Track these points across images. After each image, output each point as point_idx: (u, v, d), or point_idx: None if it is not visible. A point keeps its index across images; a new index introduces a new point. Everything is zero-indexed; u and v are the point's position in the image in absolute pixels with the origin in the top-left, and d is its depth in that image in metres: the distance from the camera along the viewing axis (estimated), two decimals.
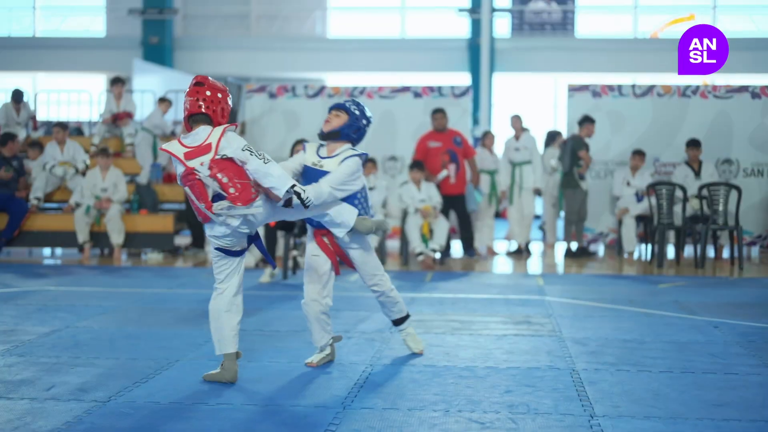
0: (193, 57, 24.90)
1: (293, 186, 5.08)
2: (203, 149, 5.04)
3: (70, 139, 13.37)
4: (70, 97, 19.51)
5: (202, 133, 5.08)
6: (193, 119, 5.13)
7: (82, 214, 12.15)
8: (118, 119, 14.07)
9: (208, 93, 5.11)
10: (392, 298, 5.95)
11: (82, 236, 12.20)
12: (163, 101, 14.19)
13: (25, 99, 14.52)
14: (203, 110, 5.09)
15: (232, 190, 4.99)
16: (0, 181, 12.47)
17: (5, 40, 25.54)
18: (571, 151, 12.51)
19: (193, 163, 5.03)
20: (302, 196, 5.12)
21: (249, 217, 5.15)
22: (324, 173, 5.49)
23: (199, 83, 5.15)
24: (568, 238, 12.76)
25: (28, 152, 13.36)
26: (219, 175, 5.00)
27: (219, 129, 5.07)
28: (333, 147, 5.65)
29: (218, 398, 4.91)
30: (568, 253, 12.68)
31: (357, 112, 5.65)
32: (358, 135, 5.70)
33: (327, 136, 5.63)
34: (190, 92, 5.13)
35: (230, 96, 5.22)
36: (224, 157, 5.01)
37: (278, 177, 5.05)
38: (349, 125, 5.63)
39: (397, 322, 6.07)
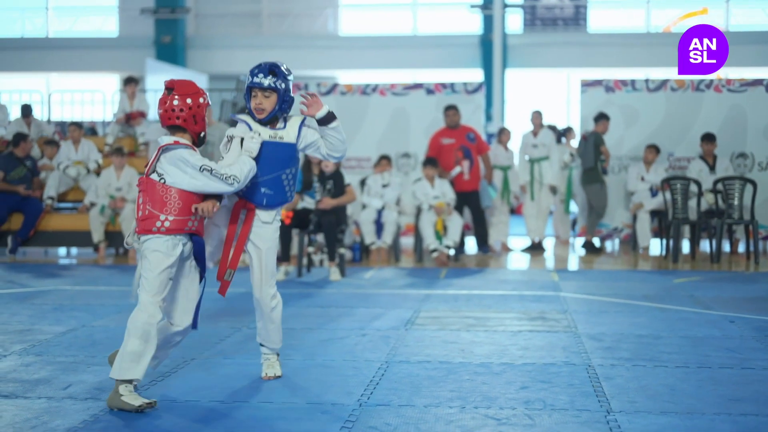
0: (205, 56, 24.97)
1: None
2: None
3: (84, 138, 13.43)
4: (84, 97, 19.57)
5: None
6: (169, 129, 4.82)
7: (97, 214, 12.20)
8: (131, 119, 14.11)
9: (175, 102, 4.74)
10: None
11: (97, 236, 12.25)
12: None
13: (35, 115, 14.56)
14: (173, 122, 4.76)
15: (140, 213, 4.74)
16: (13, 181, 12.53)
17: (18, 41, 25.66)
18: (594, 147, 12.52)
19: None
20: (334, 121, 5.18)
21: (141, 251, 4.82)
22: (287, 145, 5.19)
23: (168, 89, 4.78)
24: (591, 233, 12.78)
25: (45, 150, 13.42)
26: (140, 194, 4.76)
27: (164, 141, 4.73)
28: (274, 122, 5.28)
29: (235, 396, 4.92)
30: (590, 248, 12.68)
31: (282, 86, 5.17)
32: (291, 102, 5.26)
33: (268, 122, 5.22)
34: (160, 100, 4.81)
35: (204, 96, 4.84)
36: (162, 179, 4.70)
37: (247, 169, 4.89)
38: (282, 101, 5.18)
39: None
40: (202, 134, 4.87)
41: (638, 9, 24.83)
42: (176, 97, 4.76)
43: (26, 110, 14.33)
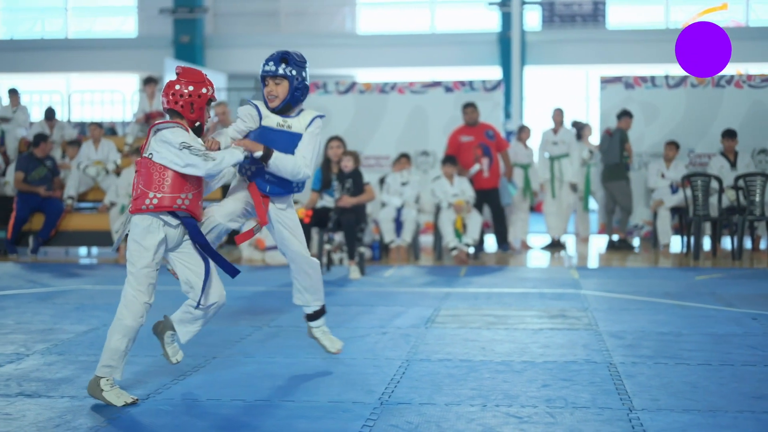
0: (223, 55, 25.02)
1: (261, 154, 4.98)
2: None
3: (104, 138, 13.51)
4: (104, 97, 19.66)
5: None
6: (168, 113, 4.89)
7: (117, 214, 12.25)
8: (151, 118, 14.18)
9: (177, 87, 4.81)
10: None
11: (118, 235, 12.29)
12: None
13: (59, 117, 14.68)
14: (171, 105, 4.82)
15: (134, 193, 4.84)
16: (33, 182, 12.60)
17: (38, 42, 25.80)
18: (620, 143, 12.49)
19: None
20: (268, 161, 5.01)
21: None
22: (294, 135, 5.16)
23: (177, 73, 4.87)
24: (623, 230, 12.75)
25: (67, 150, 13.50)
26: (135, 175, 4.86)
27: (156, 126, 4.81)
28: (288, 111, 5.24)
29: (256, 395, 4.93)
30: (624, 246, 12.65)
31: (294, 72, 5.10)
32: (305, 90, 5.22)
33: (281, 111, 5.19)
34: (166, 84, 4.89)
35: (208, 87, 4.85)
36: (150, 156, 4.75)
37: (228, 157, 4.84)
38: (294, 89, 5.14)
39: (313, 317, 5.58)
40: (197, 124, 4.88)
41: (657, 5, 24.70)
42: (181, 81, 4.83)
43: (50, 113, 14.43)
